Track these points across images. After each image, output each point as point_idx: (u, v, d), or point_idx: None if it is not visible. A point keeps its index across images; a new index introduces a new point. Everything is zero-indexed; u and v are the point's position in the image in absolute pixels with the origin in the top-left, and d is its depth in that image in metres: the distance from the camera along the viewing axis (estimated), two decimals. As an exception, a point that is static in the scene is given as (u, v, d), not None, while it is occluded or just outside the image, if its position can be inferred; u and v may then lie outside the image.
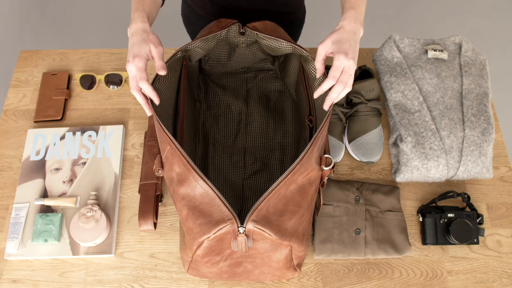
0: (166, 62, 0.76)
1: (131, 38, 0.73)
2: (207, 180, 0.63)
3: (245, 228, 0.63)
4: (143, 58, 0.70)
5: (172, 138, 0.66)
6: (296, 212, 0.67)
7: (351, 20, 0.74)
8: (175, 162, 0.66)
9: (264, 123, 0.95)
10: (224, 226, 0.63)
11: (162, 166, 0.71)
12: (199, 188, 0.64)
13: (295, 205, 0.67)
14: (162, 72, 0.72)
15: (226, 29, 0.82)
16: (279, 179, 0.64)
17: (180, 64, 0.83)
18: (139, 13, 0.75)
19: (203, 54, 0.85)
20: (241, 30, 0.84)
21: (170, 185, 0.70)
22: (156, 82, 0.75)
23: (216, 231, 0.63)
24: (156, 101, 0.71)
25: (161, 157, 0.72)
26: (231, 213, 0.63)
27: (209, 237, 0.64)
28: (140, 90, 0.71)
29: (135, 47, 0.71)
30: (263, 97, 0.98)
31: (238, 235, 0.63)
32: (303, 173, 0.67)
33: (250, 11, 1.02)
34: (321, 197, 0.78)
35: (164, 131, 0.67)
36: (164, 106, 0.77)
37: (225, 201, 0.63)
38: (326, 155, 0.71)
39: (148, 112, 0.73)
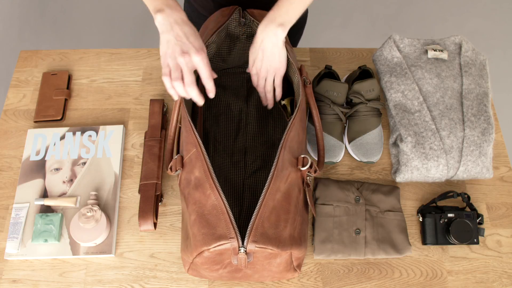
0: None
1: (179, 26, 0.68)
2: (221, 193, 0.65)
3: (246, 249, 0.63)
4: (205, 52, 0.69)
5: (201, 142, 0.67)
6: (288, 219, 0.67)
7: (263, 24, 0.75)
8: (197, 166, 0.67)
9: (264, 120, 0.95)
10: (225, 243, 0.63)
11: (182, 166, 0.71)
12: (212, 198, 0.65)
13: (285, 212, 0.67)
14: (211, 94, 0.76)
15: (232, 16, 0.86)
16: (264, 191, 0.65)
17: None
18: (174, 0, 0.71)
19: (216, 49, 0.87)
20: (242, 18, 0.86)
21: (186, 187, 0.70)
22: None
23: (217, 246, 0.64)
24: (213, 93, 0.74)
25: (182, 157, 0.72)
26: (235, 232, 0.63)
27: (209, 249, 0.65)
28: (195, 85, 0.70)
29: (194, 39, 0.68)
30: None
31: (238, 252, 0.64)
32: (283, 179, 0.67)
33: None
34: (308, 196, 0.78)
35: (194, 134, 0.68)
36: (186, 107, 0.78)
37: (232, 218, 0.64)
38: (302, 155, 0.72)
39: (201, 101, 0.73)
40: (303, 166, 0.71)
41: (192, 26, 0.72)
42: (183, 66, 0.68)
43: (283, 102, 0.88)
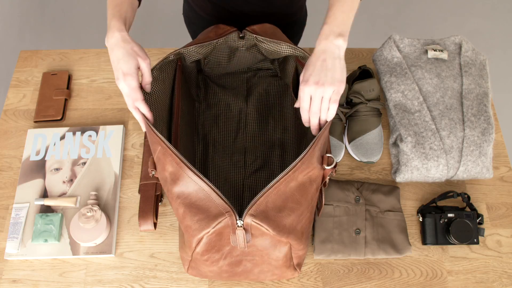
0: (156, 65, 0.76)
1: (112, 51, 0.69)
2: (200, 175, 0.63)
3: (243, 221, 0.63)
4: (134, 76, 0.68)
5: (162, 137, 0.65)
6: (295, 209, 0.67)
7: (321, 38, 0.69)
8: (167, 162, 0.66)
9: (264, 120, 0.95)
10: (222, 219, 0.63)
11: (155, 167, 0.71)
12: (194, 184, 0.64)
13: (295, 202, 0.67)
14: (148, 89, 0.72)
15: (224, 37, 0.82)
16: (280, 176, 0.64)
17: (174, 65, 0.82)
18: (116, 21, 0.70)
19: (199, 57, 0.85)
20: (240, 35, 0.84)
21: (164, 185, 0.70)
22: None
23: (215, 225, 0.63)
24: (151, 120, 0.70)
25: (153, 158, 0.72)
26: (228, 205, 0.62)
27: (209, 231, 0.64)
28: (137, 108, 0.70)
29: (123, 63, 0.68)
30: (263, 95, 0.98)
31: (236, 228, 0.63)
32: (304, 171, 0.66)
33: (250, 14, 1.01)
34: (323, 197, 0.78)
35: (154, 132, 0.66)
36: (158, 109, 0.77)
37: (221, 194, 0.63)
38: (328, 155, 0.71)
39: (144, 128, 0.72)
40: (328, 165, 0.70)
41: (126, 45, 0.69)
42: (121, 91, 0.70)
43: None
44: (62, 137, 0.95)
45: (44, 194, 0.89)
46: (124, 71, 0.67)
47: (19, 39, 1.99)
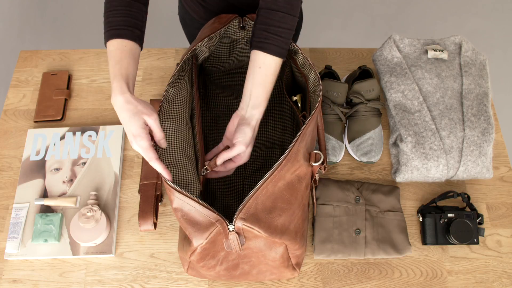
0: (178, 64, 0.77)
1: (119, 114, 0.68)
2: (182, 191, 0.63)
3: (234, 226, 0.63)
4: (143, 136, 0.67)
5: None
6: (286, 209, 0.67)
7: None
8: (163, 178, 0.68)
9: (263, 120, 0.95)
10: (214, 229, 0.63)
11: None
12: (178, 200, 0.64)
13: (285, 202, 0.67)
14: (163, 144, 0.71)
15: (228, 24, 0.83)
16: (266, 176, 0.64)
17: (190, 64, 0.83)
18: (117, 82, 0.69)
19: (208, 53, 0.86)
20: (241, 24, 0.85)
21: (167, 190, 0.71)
22: (171, 88, 0.76)
23: (208, 236, 0.64)
24: (169, 178, 0.68)
25: None
26: (217, 214, 0.63)
27: (202, 243, 0.65)
28: (158, 159, 0.68)
29: (129, 125, 0.67)
30: None
31: (229, 233, 0.63)
32: (290, 169, 0.66)
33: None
34: (314, 194, 0.78)
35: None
36: (183, 105, 0.77)
37: (206, 204, 0.63)
38: (315, 151, 0.71)
39: (168, 177, 0.69)
40: (315, 161, 0.70)
41: (129, 106, 0.68)
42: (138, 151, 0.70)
43: (294, 98, 0.87)
44: (62, 137, 0.95)
45: (44, 194, 0.89)
46: (134, 133, 0.67)
47: (19, 39, 1.99)
